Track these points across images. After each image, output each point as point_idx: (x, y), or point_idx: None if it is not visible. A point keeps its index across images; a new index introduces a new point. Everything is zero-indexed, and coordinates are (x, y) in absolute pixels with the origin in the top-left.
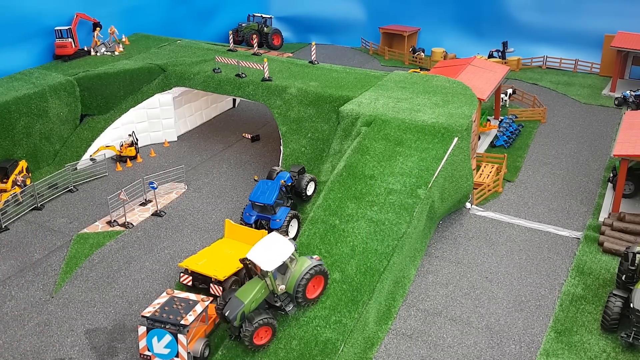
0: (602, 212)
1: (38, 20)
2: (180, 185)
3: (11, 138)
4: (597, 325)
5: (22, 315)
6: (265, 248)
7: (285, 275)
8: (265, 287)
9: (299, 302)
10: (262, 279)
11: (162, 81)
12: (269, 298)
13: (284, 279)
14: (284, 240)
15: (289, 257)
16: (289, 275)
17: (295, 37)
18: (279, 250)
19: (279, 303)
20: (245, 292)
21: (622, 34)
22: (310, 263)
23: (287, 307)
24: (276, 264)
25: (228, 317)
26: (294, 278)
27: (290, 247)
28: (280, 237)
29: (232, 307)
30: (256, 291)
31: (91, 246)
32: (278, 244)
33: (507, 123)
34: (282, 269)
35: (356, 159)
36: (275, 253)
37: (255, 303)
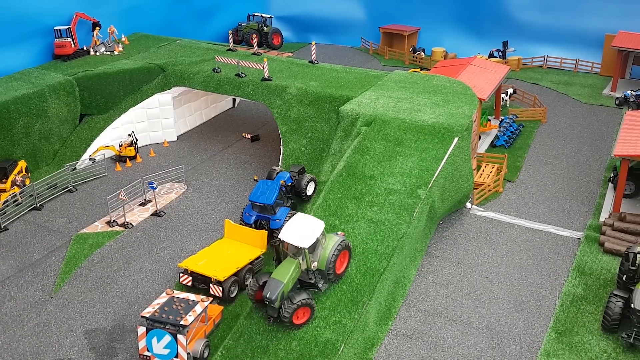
0: (602, 212)
1: (37, 20)
2: (180, 186)
3: (10, 138)
4: (597, 325)
5: (21, 315)
6: (296, 227)
7: (316, 252)
8: (298, 267)
9: (329, 279)
10: (295, 259)
11: (162, 81)
12: (302, 276)
13: (315, 256)
14: (312, 218)
15: (321, 234)
16: (320, 252)
17: (295, 37)
18: (310, 228)
19: (313, 280)
20: (281, 272)
21: (622, 33)
22: (337, 239)
23: (319, 284)
24: (311, 240)
25: (270, 298)
26: (324, 255)
27: (320, 224)
28: (308, 216)
29: (272, 288)
30: (292, 270)
31: (90, 246)
32: (308, 222)
33: (508, 123)
34: (312, 246)
35: (356, 159)
36: (308, 230)
37: (292, 282)
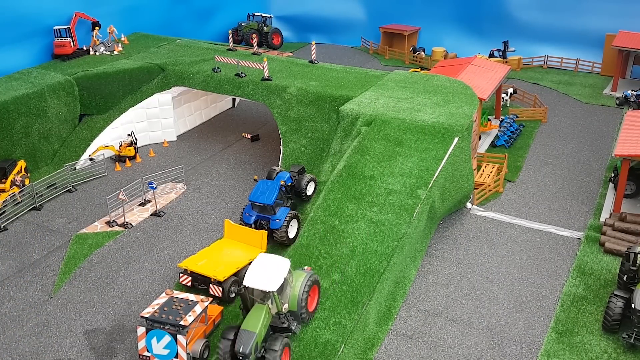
0: (603, 212)
1: (37, 20)
2: (180, 186)
3: (10, 138)
4: (598, 326)
5: (20, 315)
6: (261, 270)
7: (285, 293)
8: (268, 312)
9: (302, 319)
10: (263, 304)
11: (162, 81)
12: (274, 321)
13: (284, 297)
14: (276, 257)
15: (288, 273)
16: (289, 292)
17: (295, 37)
18: (276, 269)
19: (286, 323)
20: (251, 321)
21: (623, 33)
22: (305, 275)
23: (293, 326)
24: (279, 282)
25: (243, 353)
26: (294, 294)
27: (285, 263)
28: (272, 256)
29: (244, 341)
30: (263, 317)
31: (90, 246)
32: (272, 263)
33: (508, 123)
34: (280, 288)
35: (356, 160)
36: (273, 272)
37: (264, 330)
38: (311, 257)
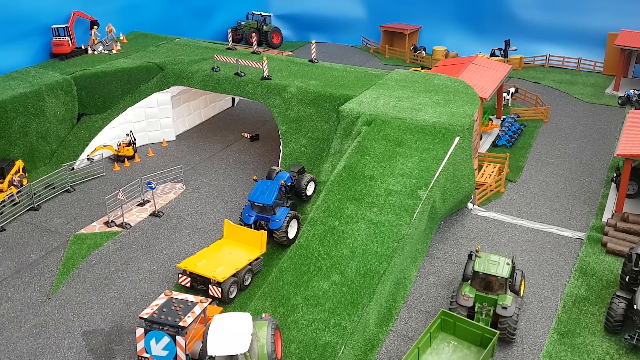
0: (605, 213)
1: (35, 19)
2: (179, 186)
3: (7, 137)
4: (600, 327)
5: (18, 316)
6: (223, 334)
7: (253, 349)
8: None
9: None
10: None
11: (160, 80)
12: None
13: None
14: (234, 315)
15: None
16: (257, 347)
17: (295, 36)
18: (238, 328)
19: None
20: None
21: (625, 32)
22: (265, 323)
23: None
24: (247, 341)
25: None
26: (262, 346)
27: (246, 318)
28: (228, 315)
29: None
30: None
31: (88, 247)
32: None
33: (509, 122)
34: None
35: (356, 160)
36: (237, 332)
37: None
38: (311, 258)
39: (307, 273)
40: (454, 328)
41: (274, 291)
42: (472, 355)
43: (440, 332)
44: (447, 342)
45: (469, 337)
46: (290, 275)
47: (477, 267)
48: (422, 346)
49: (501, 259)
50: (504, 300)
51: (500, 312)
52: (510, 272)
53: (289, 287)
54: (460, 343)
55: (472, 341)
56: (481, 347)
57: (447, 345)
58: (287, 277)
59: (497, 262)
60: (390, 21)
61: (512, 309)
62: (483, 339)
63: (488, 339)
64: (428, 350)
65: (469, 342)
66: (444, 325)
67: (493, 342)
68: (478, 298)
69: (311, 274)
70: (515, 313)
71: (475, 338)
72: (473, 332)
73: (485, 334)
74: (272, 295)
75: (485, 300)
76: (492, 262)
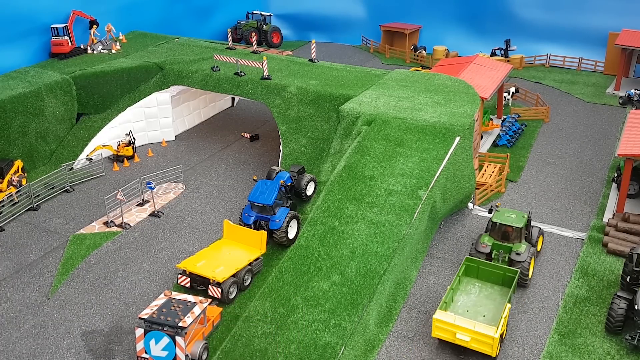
0: (606, 213)
1: (34, 18)
2: (178, 186)
3: (6, 137)
4: (601, 327)
5: (17, 317)
6: None
7: None
8: None
9: None
10: None
11: (160, 80)
12: None
13: None
14: None
15: None
16: None
17: (295, 35)
18: None
19: None
20: None
21: (626, 31)
22: None
23: None
24: None
25: None
26: None
27: None
28: None
29: None
30: None
31: (88, 247)
32: None
33: (510, 122)
34: None
35: (356, 160)
36: None
37: None
38: (311, 258)
39: (307, 273)
40: (477, 272)
41: (273, 291)
42: (496, 293)
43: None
44: (473, 284)
45: (491, 278)
46: (290, 276)
47: (495, 219)
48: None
49: (518, 213)
50: (518, 248)
51: (514, 258)
52: (525, 224)
53: (288, 288)
54: (484, 284)
55: (494, 281)
56: (502, 285)
57: (472, 287)
58: (287, 277)
59: (514, 215)
60: (391, 21)
61: (525, 256)
62: (504, 278)
63: (510, 277)
64: (458, 293)
65: (492, 282)
66: (468, 270)
67: (516, 278)
68: (495, 246)
69: (311, 275)
70: (527, 260)
71: (497, 278)
72: (495, 273)
73: (506, 273)
74: (272, 296)
75: (502, 248)
76: (509, 215)
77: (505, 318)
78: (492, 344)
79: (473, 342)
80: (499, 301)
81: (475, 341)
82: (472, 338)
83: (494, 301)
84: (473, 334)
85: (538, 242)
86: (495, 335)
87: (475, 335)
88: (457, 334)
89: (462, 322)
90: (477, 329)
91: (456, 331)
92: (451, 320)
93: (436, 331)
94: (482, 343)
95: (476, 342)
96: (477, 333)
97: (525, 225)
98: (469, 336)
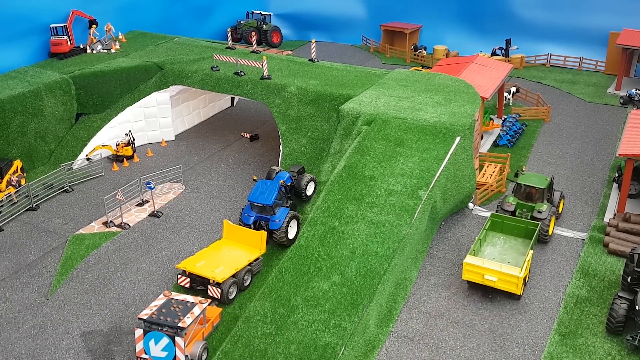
0: (607, 213)
1: (33, 17)
2: (178, 186)
3: (5, 137)
4: (602, 327)
5: (16, 317)
6: None
7: None
8: None
9: None
10: None
11: (159, 79)
12: None
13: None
14: None
15: None
16: None
17: (295, 35)
18: None
19: None
20: None
21: (627, 31)
22: None
23: None
24: None
25: None
26: None
27: None
28: None
29: None
30: None
31: (87, 247)
32: None
33: (511, 122)
34: None
35: (356, 160)
36: None
37: None
38: (311, 258)
39: (307, 274)
40: (502, 226)
41: (273, 292)
42: (519, 244)
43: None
44: (498, 237)
45: (514, 232)
46: (290, 276)
47: (520, 181)
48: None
49: (541, 176)
50: (541, 207)
51: (536, 215)
52: (547, 186)
53: (288, 288)
54: (507, 237)
55: (517, 235)
56: (525, 238)
57: (498, 239)
58: (287, 277)
59: (537, 178)
60: (391, 20)
61: (546, 214)
62: (527, 231)
63: (531, 230)
64: (484, 245)
65: (515, 235)
66: (493, 225)
67: (537, 230)
68: (519, 206)
69: (311, 275)
70: (547, 217)
71: (520, 232)
72: (518, 227)
73: (528, 227)
74: (272, 296)
75: (525, 207)
76: (533, 177)
77: (528, 262)
78: (517, 283)
79: (500, 282)
80: (521, 251)
81: (502, 282)
82: (499, 279)
83: (517, 251)
84: (500, 274)
85: (560, 205)
86: (520, 275)
87: (502, 276)
88: (485, 276)
89: (489, 264)
90: (504, 270)
91: (484, 273)
92: (480, 264)
93: (466, 274)
94: (508, 283)
95: (502, 282)
96: (504, 274)
97: (548, 187)
98: (496, 277)
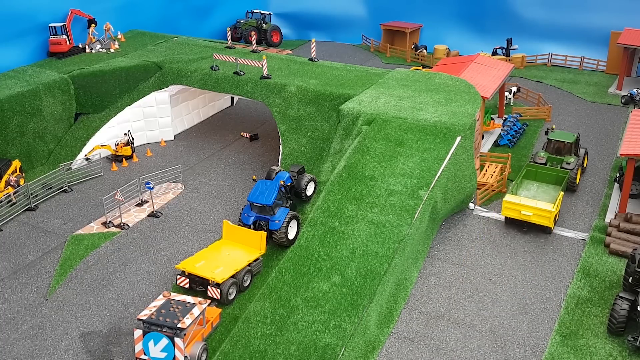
0: (608, 213)
1: (32, 17)
2: (177, 186)
3: (4, 137)
4: (603, 328)
5: (15, 318)
6: None
7: None
8: None
9: None
10: None
11: (159, 79)
12: None
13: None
14: None
15: None
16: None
17: (295, 34)
18: None
19: None
20: None
21: (628, 30)
22: None
23: None
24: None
25: None
26: None
27: None
28: None
29: None
30: None
31: (86, 248)
32: None
33: (511, 122)
34: None
35: (356, 160)
36: None
37: None
38: (310, 259)
39: (307, 274)
40: (535, 175)
41: (273, 292)
42: (550, 189)
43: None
44: (531, 184)
45: (546, 179)
46: (290, 277)
47: (551, 137)
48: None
49: (569, 133)
50: (569, 159)
51: (564, 167)
52: (575, 140)
53: (288, 289)
54: (540, 184)
55: (548, 182)
56: (555, 184)
57: (531, 185)
58: (287, 278)
59: (565, 134)
60: (391, 19)
61: (573, 165)
62: (557, 179)
63: (561, 178)
64: (520, 190)
65: (547, 182)
66: (527, 174)
67: (567, 177)
68: (549, 159)
69: (311, 275)
70: (575, 168)
71: (551, 179)
72: (550, 175)
73: (559, 174)
74: (272, 297)
75: (555, 160)
76: (562, 134)
77: (559, 201)
78: (549, 217)
79: (534, 217)
80: (552, 194)
81: (536, 216)
82: (534, 214)
83: (548, 195)
84: (535, 210)
85: (585, 160)
86: (553, 210)
87: (536, 211)
88: (522, 211)
89: (526, 201)
90: (539, 206)
91: (521, 209)
92: (517, 201)
93: (505, 211)
94: (541, 217)
95: (537, 217)
96: (538, 209)
97: (575, 142)
98: (532, 212)
